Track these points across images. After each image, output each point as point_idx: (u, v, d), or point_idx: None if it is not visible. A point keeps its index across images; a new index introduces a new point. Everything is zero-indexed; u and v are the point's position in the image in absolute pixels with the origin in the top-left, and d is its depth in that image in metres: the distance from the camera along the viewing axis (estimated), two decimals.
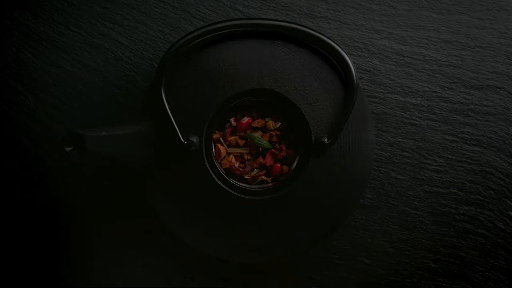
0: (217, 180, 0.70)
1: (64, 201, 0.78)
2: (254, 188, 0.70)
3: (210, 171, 0.70)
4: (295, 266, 0.78)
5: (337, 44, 0.71)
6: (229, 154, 0.73)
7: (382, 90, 0.78)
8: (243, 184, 0.71)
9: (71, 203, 0.78)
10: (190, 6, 0.79)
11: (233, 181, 0.71)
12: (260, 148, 0.73)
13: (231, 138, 0.73)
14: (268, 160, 0.73)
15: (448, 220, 0.78)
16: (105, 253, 0.78)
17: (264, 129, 0.73)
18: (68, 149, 0.65)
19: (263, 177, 0.73)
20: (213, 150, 0.72)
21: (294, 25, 0.71)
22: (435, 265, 0.78)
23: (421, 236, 0.78)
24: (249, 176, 0.73)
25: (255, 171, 0.73)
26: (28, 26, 0.78)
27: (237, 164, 0.73)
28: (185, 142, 0.69)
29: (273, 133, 0.73)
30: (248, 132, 0.73)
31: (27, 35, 0.78)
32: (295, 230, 0.71)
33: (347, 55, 0.70)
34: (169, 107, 0.69)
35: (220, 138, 0.73)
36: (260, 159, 0.73)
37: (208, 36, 0.70)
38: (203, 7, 0.79)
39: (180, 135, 0.69)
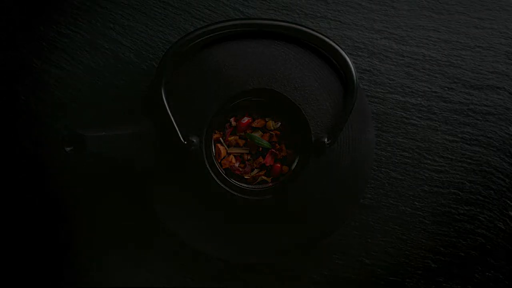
0: (217, 180, 0.70)
1: (64, 201, 0.78)
2: (254, 188, 0.70)
3: (210, 171, 0.70)
4: (295, 266, 0.78)
5: (337, 44, 0.71)
6: (229, 154, 0.73)
7: (382, 90, 0.78)
8: (243, 184, 0.71)
9: (71, 203, 0.78)
10: (190, 6, 0.79)
11: (233, 181, 0.71)
12: (260, 148, 0.73)
13: (231, 138, 0.73)
14: (268, 160, 0.73)
15: (448, 220, 0.78)
16: (105, 253, 0.78)
17: (264, 129, 0.73)
18: (68, 149, 0.65)
19: (263, 177, 0.73)
20: (213, 150, 0.72)
21: (294, 25, 0.71)
22: (435, 265, 0.78)
23: (421, 236, 0.78)
24: (249, 176, 0.73)
25: (255, 171, 0.73)
26: (28, 26, 0.78)
27: (237, 164, 0.73)
28: (185, 142, 0.69)
29: (273, 133, 0.73)
30: (248, 132, 0.73)
31: (27, 35, 0.78)
32: (295, 230, 0.71)
33: (347, 55, 0.70)
34: (169, 107, 0.69)
35: (220, 138, 0.73)
36: (260, 159, 0.73)
37: (208, 36, 0.70)
38: (203, 7, 0.79)
39: (180, 135, 0.69)
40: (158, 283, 0.77)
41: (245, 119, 0.73)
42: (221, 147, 0.72)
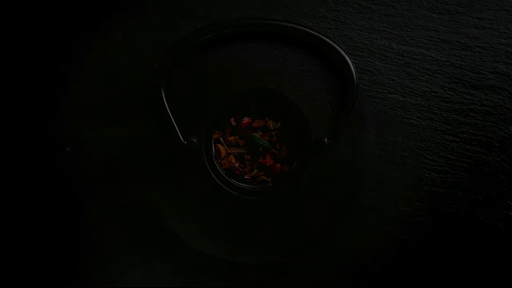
0: (217, 180, 0.70)
1: (64, 201, 0.78)
2: (254, 188, 0.71)
3: (210, 171, 0.70)
4: (295, 266, 0.77)
5: (337, 44, 0.71)
6: (229, 154, 0.73)
7: (382, 90, 0.78)
8: (243, 184, 0.71)
9: (70, 204, 0.78)
10: (190, 6, 0.79)
11: (233, 181, 0.71)
12: (260, 148, 0.73)
13: (231, 138, 0.73)
14: (268, 160, 0.73)
15: (448, 220, 0.78)
16: (105, 253, 0.78)
17: (264, 129, 0.73)
18: (68, 149, 0.65)
19: (263, 177, 0.73)
20: (213, 150, 0.72)
21: (294, 25, 0.71)
22: (435, 265, 0.78)
23: (421, 236, 0.78)
24: (249, 176, 0.73)
25: (255, 171, 0.73)
26: (28, 27, 0.78)
27: (237, 164, 0.73)
28: (185, 142, 0.69)
29: (273, 133, 0.73)
30: (248, 132, 0.73)
31: (27, 35, 0.78)
32: (295, 230, 0.71)
33: (347, 55, 0.70)
34: (169, 107, 0.69)
35: (220, 138, 0.73)
36: (260, 159, 0.73)
37: (208, 36, 0.70)
38: (203, 7, 0.79)
39: (180, 135, 0.69)
40: (158, 283, 0.77)
41: (245, 119, 0.73)
42: (221, 147, 0.72)
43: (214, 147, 0.72)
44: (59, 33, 0.78)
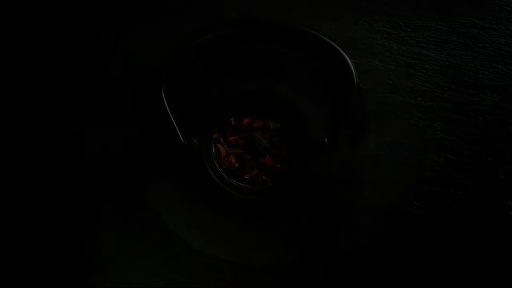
0: (217, 180, 0.70)
1: (64, 202, 0.78)
2: (254, 188, 0.71)
3: (210, 171, 0.70)
4: (295, 266, 0.77)
5: (337, 44, 0.71)
6: (229, 154, 0.73)
7: (382, 90, 0.78)
8: (243, 184, 0.71)
9: (71, 204, 0.78)
10: (190, 6, 0.79)
11: (233, 181, 0.71)
12: (260, 148, 0.73)
13: (231, 138, 0.73)
14: (268, 160, 0.73)
15: (448, 220, 0.78)
16: (105, 253, 0.78)
17: (264, 129, 0.73)
18: (69, 148, 0.65)
19: (263, 177, 0.73)
20: (213, 150, 0.72)
21: (294, 26, 0.71)
22: (436, 266, 0.78)
23: (421, 237, 0.78)
24: (249, 176, 0.73)
25: (255, 171, 0.73)
26: (28, 27, 0.78)
27: (237, 164, 0.73)
28: (185, 142, 0.69)
29: (273, 133, 0.73)
30: (248, 132, 0.73)
31: (27, 35, 0.78)
32: (295, 230, 0.71)
33: (347, 55, 0.70)
34: (169, 107, 0.69)
35: (220, 138, 0.73)
36: (260, 159, 0.73)
37: (208, 36, 0.70)
38: (203, 7, 0.79)
39: (180, 135, 0.69)
40: (158, 284, 0.77)
41: (245, 119, 0.73)
42: (221, 147, 0.72)
43: (214, 147, 0.72)
44: (59, 33, 0.78)
